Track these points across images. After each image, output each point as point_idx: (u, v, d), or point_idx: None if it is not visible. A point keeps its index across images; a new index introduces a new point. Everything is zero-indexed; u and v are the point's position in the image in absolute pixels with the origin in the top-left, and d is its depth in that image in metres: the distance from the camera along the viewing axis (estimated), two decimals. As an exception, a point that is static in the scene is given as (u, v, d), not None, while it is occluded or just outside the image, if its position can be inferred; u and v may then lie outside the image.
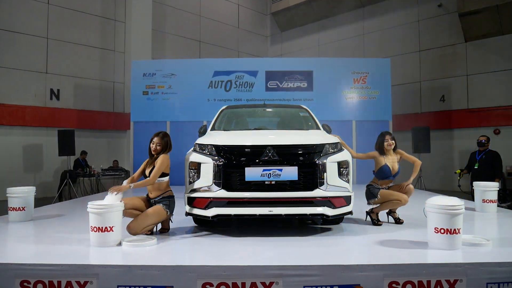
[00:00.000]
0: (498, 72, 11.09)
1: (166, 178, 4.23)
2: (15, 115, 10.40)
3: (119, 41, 12.77)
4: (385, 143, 4.70)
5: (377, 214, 4.73)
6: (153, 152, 4.26)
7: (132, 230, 3.89)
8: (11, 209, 5.05)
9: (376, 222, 4.67)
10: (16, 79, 10.52)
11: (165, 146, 4.28)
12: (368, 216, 4.80)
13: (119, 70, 12.75)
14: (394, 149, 4.77)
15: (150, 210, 4.07)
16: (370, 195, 4.67)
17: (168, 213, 4.18)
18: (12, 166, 10.33)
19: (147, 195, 4.29)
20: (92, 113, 12.06)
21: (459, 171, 8.18)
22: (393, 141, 4.72)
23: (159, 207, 4.10)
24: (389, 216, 4.82)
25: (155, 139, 4.27)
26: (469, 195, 7.84)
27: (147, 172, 4.22)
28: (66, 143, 9.94)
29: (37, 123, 10.83)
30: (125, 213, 3.92)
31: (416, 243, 3.71)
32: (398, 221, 4.72)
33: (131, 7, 12.65)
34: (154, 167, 4.14)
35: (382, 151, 4.72)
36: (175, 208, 4.29)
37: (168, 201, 4.19)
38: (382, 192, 4.60)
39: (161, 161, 4.13)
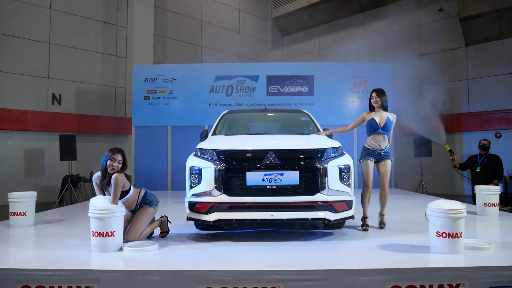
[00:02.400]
0: (499, 76, 11.09)
1: (131, 192, 4.06)
2: (17, 119, 10.41)
3: (121, 46, 12.81)
4: (371, 100, 4.79)
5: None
6: (110, 171, 3.95)
7: (130, 241, 3.89)
8: (12, 214, 5.05)
9: (380, 223, 4.68)
10: (18, 84, 10.55)
11: (124, 164, 4.07)
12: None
13: (120, 75, 12.78)
14: (385, 110, 4.79)
15: (137, 215, 4.07)
16: (360, 156, 4.80)
17: (154, 207, 4.18)
18: (13, 171, 10.33)
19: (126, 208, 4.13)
20: (94, 117, 12.07)
21: (449, 148, 8.09)
22: (379, 99, 4.74)
23: (143, 208, 4.11)
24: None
25: (117, 156, 4.00)
26: (470, 199, 7.83)
27: (107, 193, 4.01)
28: (68, 147, 9.95)
29: (39, 128, 10.84)
30: None
31: (418, 247, 3.70)
32: (379, 225, 4.70)
33: (133, 13, 12.70)
34: None
35: (371, 108, 4.83)
36: (176, 212, 4.28)
37: (147, 200, 4.16)
38: (362, 164, 4.70)
39: (115, 184, 3.83)
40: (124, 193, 4.00)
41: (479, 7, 10.78)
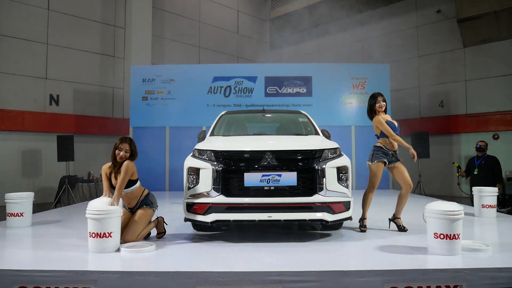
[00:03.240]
0: (496, 78, 11.11)
1: (137, 184, 4.11)
2: (14, 120, 10.39)
3: (118, 47, 12.80)
4: (377, 105, 4.75)
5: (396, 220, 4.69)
6: (118, 160, 4.04)
7: (128, 242, 3.88)
8: (9, 215, 5.03)
9: (402, 228, 4.59)
10: (16, 85, 10.53)
11: (133, 153, 4.13)
12: (391, 223, 4.72)
13: (118, 76, 12.76)
14: (386, 112, 4.83)
15: (136, 216, 4.05)
16: (371, 157, 4.65)
17: (154, 209, 4.19)
18: (10, 171, 10.30)
19: (125, 206, 4.17)
20: (92, 118, 12.05)
21: (457, 164, 8.19)
22: (384, 103, 4.77)
23: (143, 209, 4.10)
24: (391, 223, 4.74)
25: (124, 146, 4.07)
26: (468, 200, 7.84)
27: (114, 182, 4.04)
28: (65, 148, 9.93)
29: (36, 129, 10.82)
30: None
31: (415, 249, 3.70)
32: (401, 229, 4.59)
33: (131, 13, 12.70)
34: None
35: (374, 112, 4.79)
36: (174, 213, 4.27)
37: (148, 200, 4.17)
38: (374, 166, 4.59)
39: (125, 169, 3.92)
40: (131, 183, 4.02)
41: (477, 8, 10.81)
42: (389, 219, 4.74)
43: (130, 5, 12.76)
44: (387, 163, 4.61)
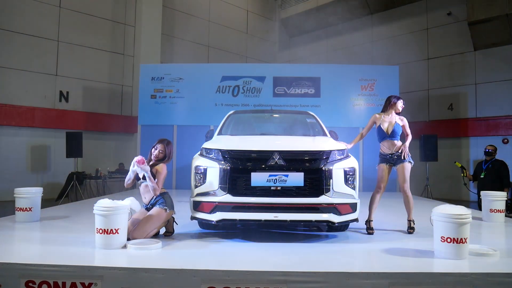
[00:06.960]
0: (507, 81, 11.02)
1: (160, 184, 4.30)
2: (24, 116, 10.49)
3: (128, 45, 12.88)
4: (399, 105, 4.89)
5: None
6: (153, 158, 4.30)
7: (136, 239, 3.89)
8: (18, 209, 5.08)
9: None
10: (26, 81, 10.63)
11: (167, 155, 4.32)
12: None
13: (128, 74, 12.84)
14: (400, 114, 4.92)
15: (148, 215, 4.06)
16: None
17: (168, 210, 4.14)
18: (20, 166, 10.41)
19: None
20: (100, 115, 12.14)
21: (460, 164, 8.13)
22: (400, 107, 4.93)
23: (157, 209, 4.09)
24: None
25: (159, 146, 4.32)
26: (476, 205, 7.78)
27: (140, 175, 4.20)
28: (74, 145, 10.01)
29: (46, 125, 10.92)
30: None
31: (422, 252, 3.67)
32: (408, 230, 4.62)
33: (141, 12, 12.77)
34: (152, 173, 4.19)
35: (388, 109, 4.87)
36: (180, 211, 4.29)
37: (164, 199, 4.17)
38: (378, 168, 4.75)
39: (164, 172, 4.23)
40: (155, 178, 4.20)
41: (488, 11, 10.72)
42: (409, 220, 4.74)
43: (140, 3, 12.84)
44: (393, 165, 4.70)
